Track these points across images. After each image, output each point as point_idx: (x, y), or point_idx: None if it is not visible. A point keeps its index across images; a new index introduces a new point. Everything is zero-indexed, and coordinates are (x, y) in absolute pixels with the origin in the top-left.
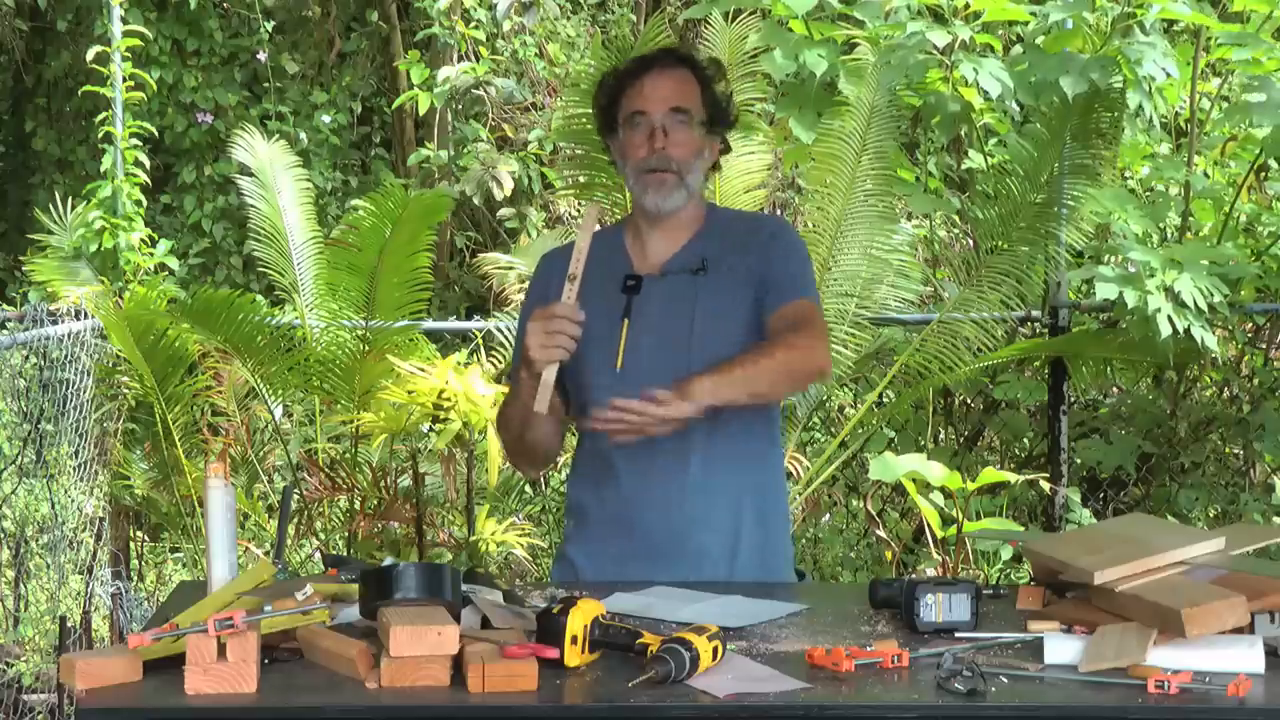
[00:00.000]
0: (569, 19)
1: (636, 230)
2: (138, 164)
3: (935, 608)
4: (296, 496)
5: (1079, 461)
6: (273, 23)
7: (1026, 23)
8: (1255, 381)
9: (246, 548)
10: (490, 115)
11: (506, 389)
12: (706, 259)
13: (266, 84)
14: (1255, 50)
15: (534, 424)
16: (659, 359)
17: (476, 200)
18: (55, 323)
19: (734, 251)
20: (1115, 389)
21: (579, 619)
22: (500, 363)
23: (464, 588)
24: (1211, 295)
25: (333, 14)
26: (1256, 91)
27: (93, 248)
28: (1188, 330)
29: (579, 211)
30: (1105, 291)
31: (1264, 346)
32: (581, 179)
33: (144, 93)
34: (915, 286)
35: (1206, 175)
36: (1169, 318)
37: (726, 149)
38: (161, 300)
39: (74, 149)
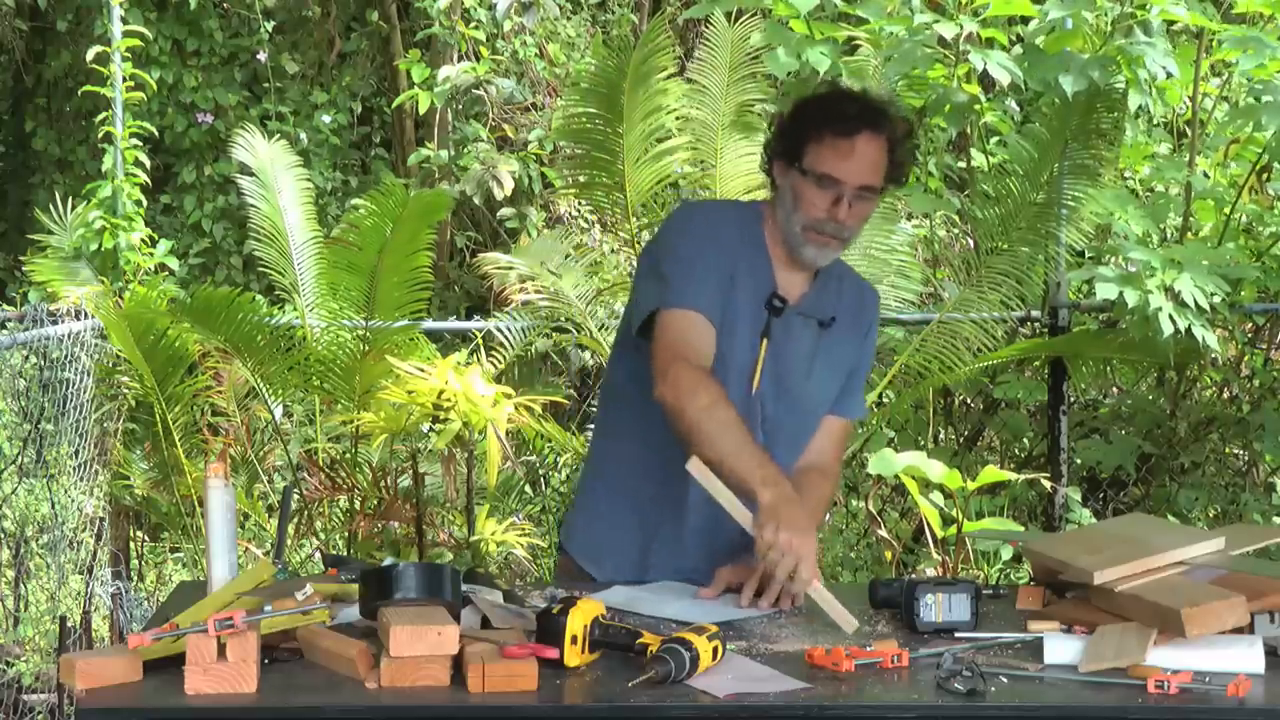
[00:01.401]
0: (569, 19)
1: (777, 245)
2: (138, 164)
3: (935, 608)
4: (296, 496)
5: (1079, 461)
6: (273, 23)
7: (1029, 20)
8: (1255, 381)
9: (246, 548)
10: (490, 115)
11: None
12: (835, 316)
13: (266, 84)
14: (1261, 53)
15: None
16: (779, 393)
17: (477, 200)
18: (55, 323)
19: (847, 320)
20: (1115, 389)
21: (579, 619)
22: (500, 363)
23: (464, 588)
24: (1213, 295)
25: (333, 14)
26: (1264, 93)
27: (93, 248)
28: (1188, 330)
29: (579, 211)
30: (1106, 291)
31: (1264, 346)
32: (581, 179)
33: (144, 93)
34: (915, 286)
35: (1207, 176)
36: (1170, 317)
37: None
38: (162, 300)
39: (74, 149)
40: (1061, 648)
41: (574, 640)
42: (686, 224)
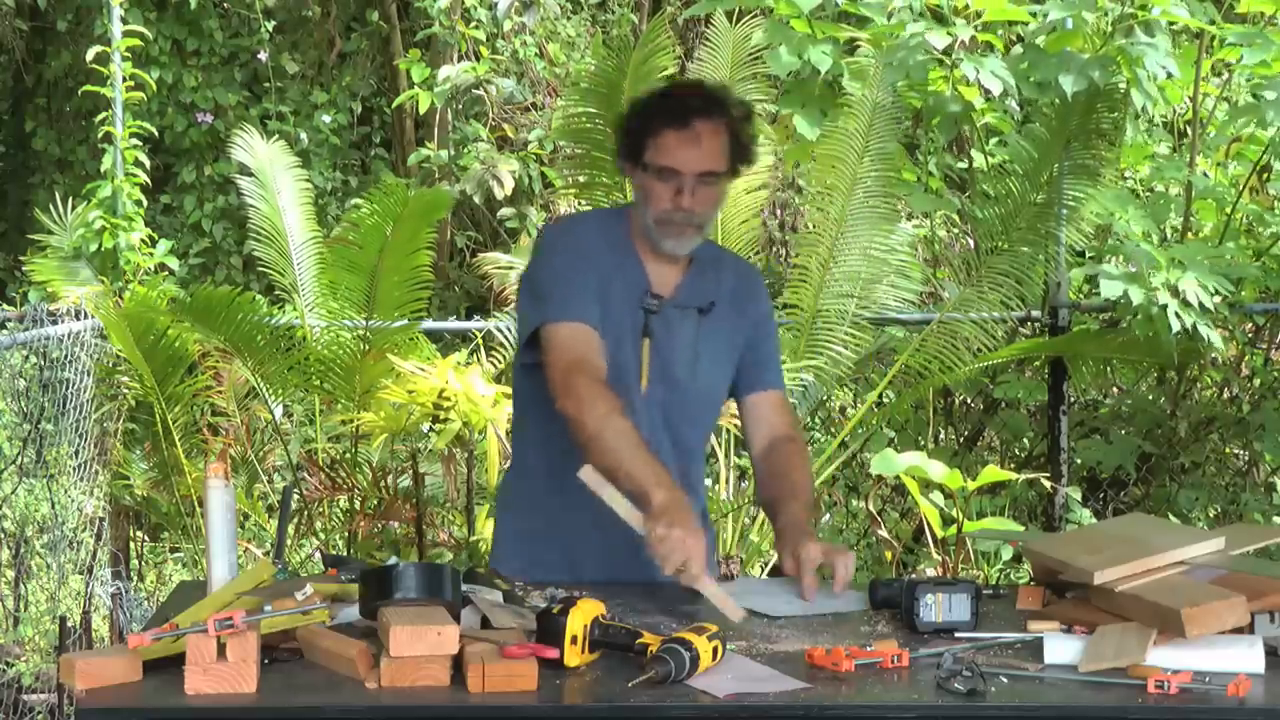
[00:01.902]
0: (569, 19)
1: (644, 243)
2: (138, 164)
3: (935, 608)
4: (296, 496)
5: (1079, 461)
6: (273, 23)
7: (1027, 23)
8: (1255, 381)
9: (246, 548)
10: (490, 115)
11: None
12: (715, 301)
13: (266, 84)
14: (1266, 52)
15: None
16: (669, 387)
17: (477, 200)
18: (55, 323)
19: (731, 304)
20: (1115, 389)
21: (579, 619)
22: (500, 363)
23: (464, 588)
24: (1215, 295)
25: (333, 14)
26: (1268, 89)
27: (93, 248)
28: (1193, 328)
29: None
30: (1110, 290)
31: (1264, 346)
32: (581, 179)
33: (144, 93)
34: (915, 286)
35: (1207, 175)
36: (1176, 314)
37: (738, 176)
38: (162, 300)
39: (74, 149)
40: (1061, 648)
41: (574, 640)
42: (555, 242)
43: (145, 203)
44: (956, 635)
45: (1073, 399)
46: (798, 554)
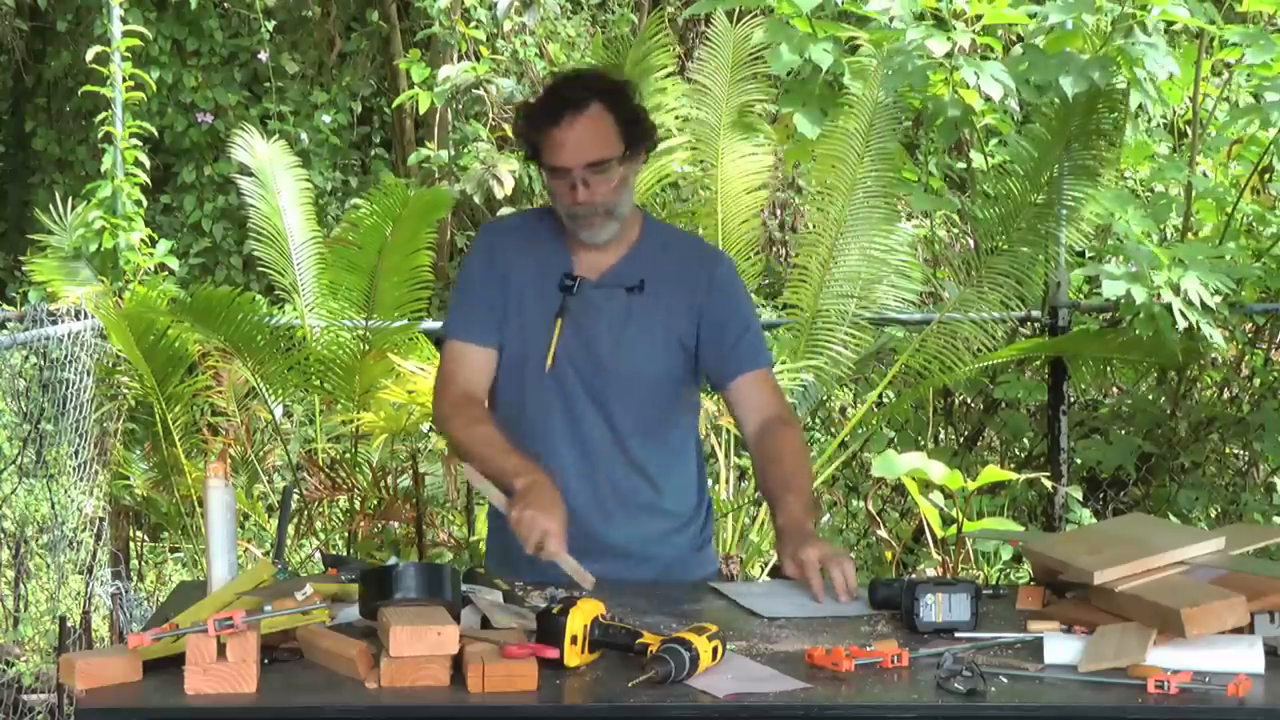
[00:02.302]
0: (569, 19)
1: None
2: (138, 164)
3: (935, 608)
4: (296, 496)
5: (1079, 461)
6: (273, 23)
7: (1026, 25)
8: (1255, 381)
9: (246, 548)
10: (490, 115)
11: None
12: (645, 279)
13: (266, 84)
14: (1267, 53)
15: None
16: (586, 365)
17: (477, 200)
18: (55, 323)
19: (672, 280)
20: (1115, 389)
21: (579, 619)
22: None
23: (464, 588)
24: (1216, 294)
25: (333, 14)
26: (1270, 91)
27: (93, 248)
28: (1195, 327)
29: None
30: (1112, 290)
31: (1264, 346)
32: None
33: (144, 93)
34: (915, 286)
35: (1207, 175)
36: (1180, 313)
37: (652, 148)
38: (162, 300)
39: (74, 149)
40: (1061, 648)
41: (574, 640)
42: (474, 249)
43: (145, 203)
44: (956, 635)
45: (1073, 399)
46: (798, 558)
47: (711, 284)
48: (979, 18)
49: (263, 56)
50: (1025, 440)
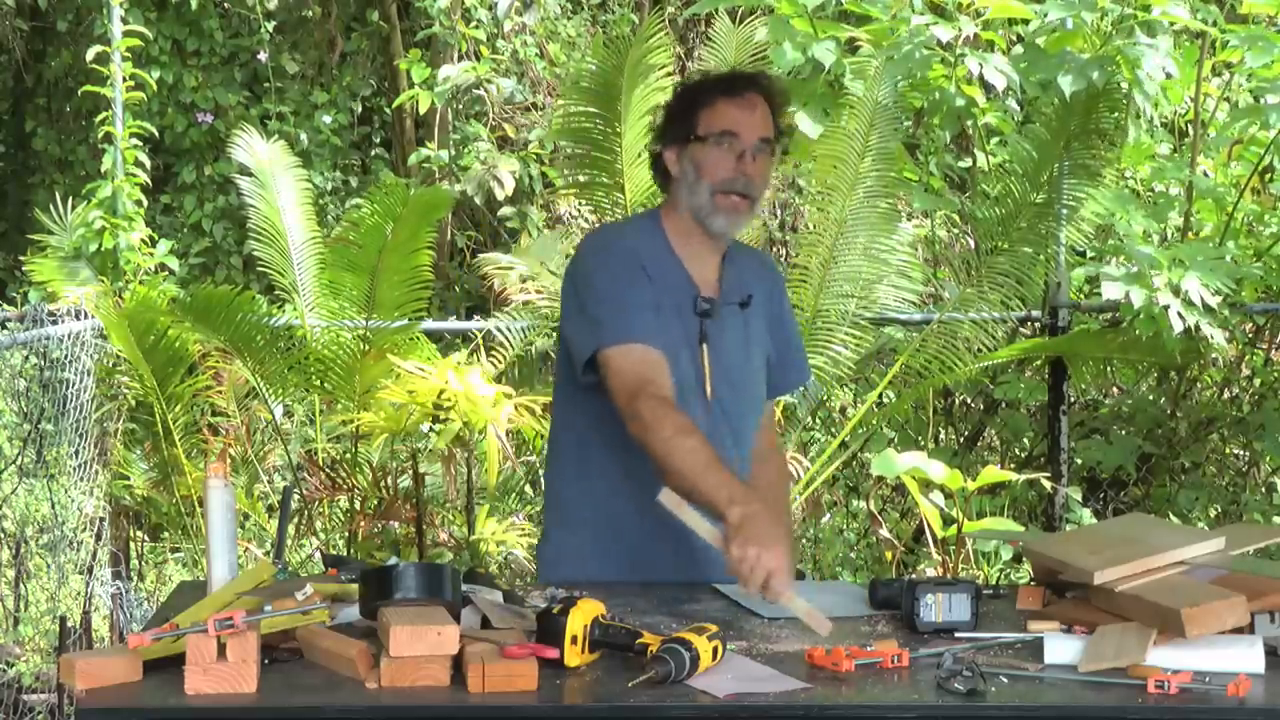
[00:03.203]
0: (569, 19)
1: (684, 244)
2: (138, 164)
3: (935, 608)
4: (296, 496)
5: (1079, 461)
6: (273, 23)
7: (1028, 21)
8: (1255, 381)
9: (246, 548)
10: (490, 115)
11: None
12: (752, 294)
13: (267, 84)
14: (1268, 55)
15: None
16: (731, 388)
17: (477, 200)
18: (55, 323)
19: (759, 293)
20: (1116, 389)
21: (579, 619)
22: (500, 363)
23: (464, 588)
24: (1216, 294)
25: (333, 14)
26: (1269, 93)
27: (93, 248)
28: (1196, 327)
29: (579, 211)
30: (1112, 290)
31: (1264, 346)
32: (581, 178)
33: (144, 93)
34: (916, 287)
35: (1208, 175)
36: (1179, 314)
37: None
38: (162, 300)
39: (74, 149)
40: (1061, 648)
41: (574, 640)
42: (599, 258)
43: (145, 203)
44: (956, 635)
45: (1073, 399)
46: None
47: (781, 295)
48: (979, 14)
49: (263, 56)
50: (1025, 440)
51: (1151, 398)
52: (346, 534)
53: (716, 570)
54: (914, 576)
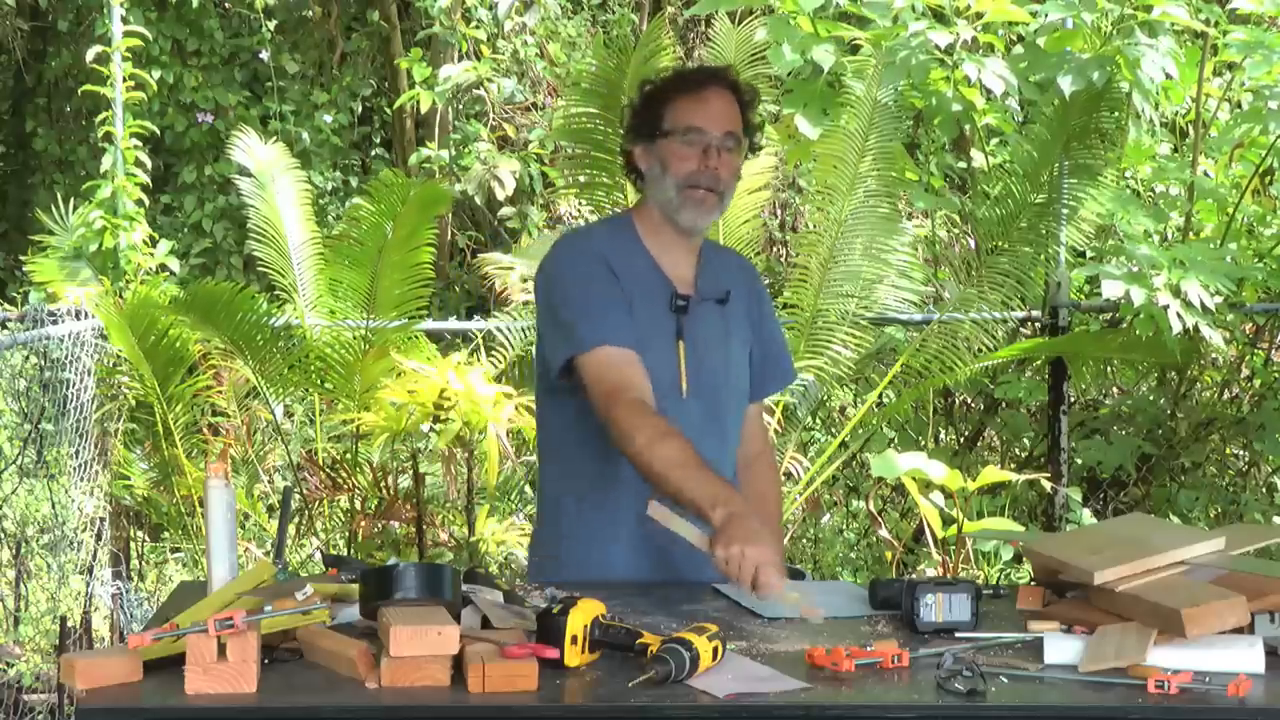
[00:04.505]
0: (570, 19)
1: (657, 241)
2: (138, 164)
3: (935, 608)
4: (297, 496)
5: (1079, 461)
6: (273, 23)
7: (1027, 23)
8: (1255, 381)
9: (246, 548)
10: (491, 115)
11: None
12: (730, 290)
13: (267, 84)
14: (1269, 59)
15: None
16: (709, 384)
17: (478, 199)
18: (55, 323)
19: (737, 289)
20: (1116, 389)
21: (579, 619)
22: (500, 363)
23: (464, 588)
24: (1216, 295)
25: (333, 14)
26: (1270, 98)
27: (93, 247)
28: (1195, 328)
29: (579, 211)
30: (1112, 290)
31: (1264, 346)
32: (582, 178)
33: (144, 93)
34: (916, 287)
35: (1209, 176)
36: (1178, 314)
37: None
38: (162, 300)
39: (74, 149)
40: (1061, 648)
41: (574, 640)
42: (570, 261)
43: (146, 202)
44: (956, 635)
45: (1073, 399)
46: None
47: (761, 297)
48: (980, 15)
49: (263, 56)
50: (1025, 440)
51: (1151, 398)
52: (347, 534)
53: (701, 572)
54: (914, 576)
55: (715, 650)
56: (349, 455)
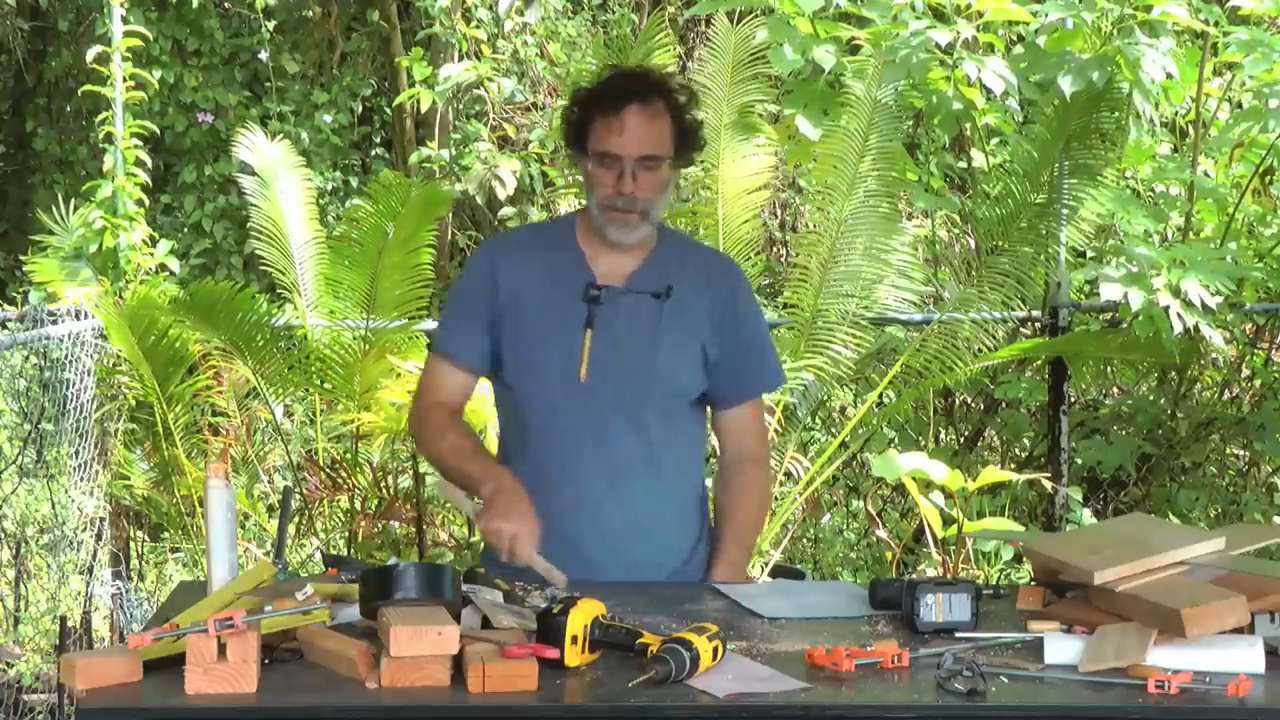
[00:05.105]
0: (570, 18)
1: (590, 239)
2: (138, 164)
3: (935, 608)
4: (297, 496)
5: (1079, 462)
6: (273, 23)
7: (1028, 23)
8: (1255, 381)
9: (246, 548)
10: (491, 115)
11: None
12: (671, 285)
13: (267, 84)
14: (1269, 58)
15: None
16: (621, 373)
17: (479, 199)
18: (55, 323)
19: (695, 288)
20: (1116, 389)
21: (579, 619)
22: None
23: (464, 588)
24: (1216, 295)
25: (333, 14)
26: (1270, 97)
27: (93, 247)
28: (1195, 328)
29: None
30: (1111, 292)
31: (1264, 346)
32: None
33: (144, 92)
34: (916, 287)
35: (1209, 176)
36: (1178, 315)
37: (689, 165)
38: (163, 299)
39: (75, 149)
40: (1061, 648)
41: (574, 640)
42: (468, 265)
43: (146, 202)
44: (956, 635)
45: (1073, 399)
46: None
47: (736, 300)
48: (980, 14)
49: (263, 56)
50: (1025, 440)
51: (1151, 398)
52: (347, 534)
53: (663, 560)
54: (914, 576)
55: (715, 650)
56: (349, 455)
